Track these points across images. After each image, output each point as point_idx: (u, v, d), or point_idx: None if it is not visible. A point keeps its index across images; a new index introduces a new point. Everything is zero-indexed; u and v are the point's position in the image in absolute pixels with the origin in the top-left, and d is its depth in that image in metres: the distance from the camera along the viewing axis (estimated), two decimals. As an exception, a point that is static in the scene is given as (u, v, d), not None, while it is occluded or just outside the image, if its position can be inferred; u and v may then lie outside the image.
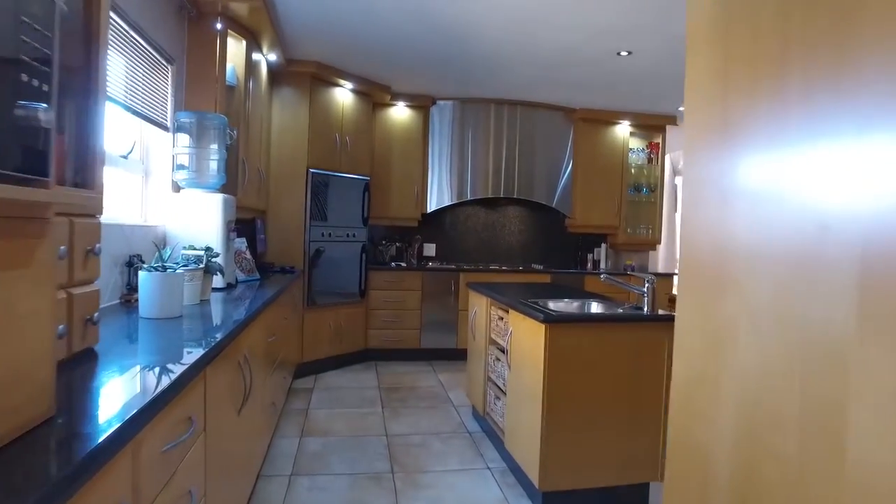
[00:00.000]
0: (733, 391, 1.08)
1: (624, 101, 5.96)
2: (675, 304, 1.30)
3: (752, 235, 1.06)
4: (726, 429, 1.12)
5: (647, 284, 2.92)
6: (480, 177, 6.22)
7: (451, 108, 6.14)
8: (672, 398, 1.30)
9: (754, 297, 1.04)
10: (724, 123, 1.18)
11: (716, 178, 1.19)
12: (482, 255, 6.56)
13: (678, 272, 1.32)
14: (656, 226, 6.59)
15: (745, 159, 1.11)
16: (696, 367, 1.20)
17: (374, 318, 5.70)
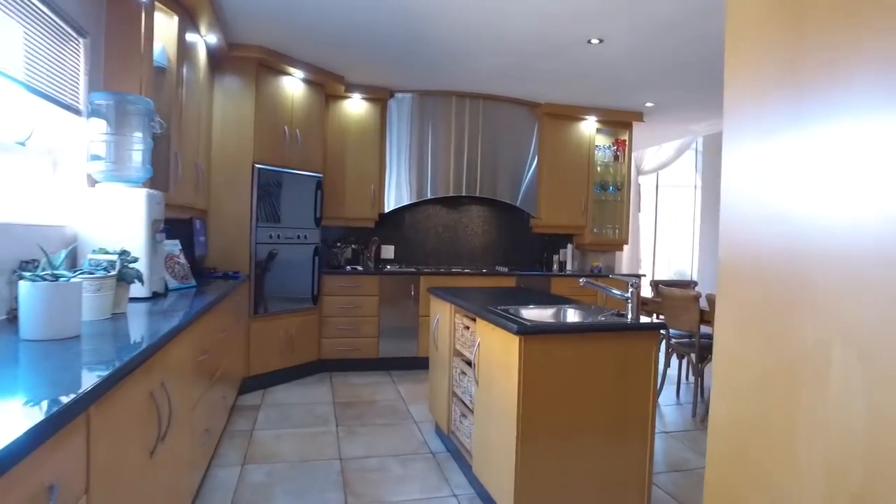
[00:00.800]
0: (821, 449, 0.78)
1: (591, 96, 5.72)
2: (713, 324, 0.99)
3: (853, 229, 0.76)
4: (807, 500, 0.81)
5: (630, 289, 2.63)
6: (441, 174, 5.88)
7: (410, 100, 5.79)
8: (711, 443, 0.99)
9: (855, 316, 0.74)
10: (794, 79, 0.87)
11: (784, 152, 0.88)
12: (443, 257, 6.23)
13: (719, 282, 1.02)
14: (623, 226, 6.38)
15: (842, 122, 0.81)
16: (751, 410, 0.90)
17: (328, 326, 5.30)
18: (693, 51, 4.28)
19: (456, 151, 5.91)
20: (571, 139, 6.17)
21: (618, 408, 2.53)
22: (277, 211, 4.78)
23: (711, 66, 4.61)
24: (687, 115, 6.31)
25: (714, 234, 6.62)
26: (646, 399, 2.58)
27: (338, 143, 5.57)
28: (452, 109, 5.87)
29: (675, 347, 4.73)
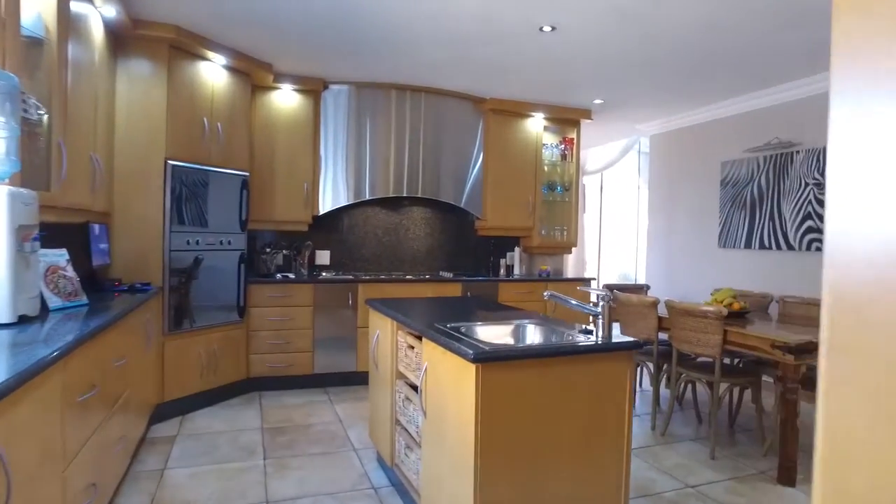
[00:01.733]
0: None
1: (539, 91, 5.42)
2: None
3: None
4: None
5: (600, 303, 2.29)
6: (381, 173, 5.44)
7: (347, 93, 5.31)
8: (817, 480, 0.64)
9: None
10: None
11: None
12: (384, 262, 5.78)
13: (824, 292, 0.65)
14: (572, 227, 6.13)
15: None
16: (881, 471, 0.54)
17: (256, 340, 4.76)
18: (650, 44, 4.02)
19: (396, 149, 5.48)
20: (518, 137, 5.85)
21: (589, 439, 2.18)
22: (196, 214, 4.22)
23: (667, 63, 4.38)
24: (635, 113, 6.12)
25: (665, 235, 6.46)
26: (620, 428, 2.24)
27: (266, 139, 5.03)
28: (392, 103, 5.44)
29: (630, 355, 4.47)
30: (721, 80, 4.90)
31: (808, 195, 4.83)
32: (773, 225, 5.12)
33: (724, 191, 5.61)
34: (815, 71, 4.59)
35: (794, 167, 4.96)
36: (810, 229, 4.80)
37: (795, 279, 4.93)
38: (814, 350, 3.30)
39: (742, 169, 5.43)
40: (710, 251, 5.79)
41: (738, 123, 5.49)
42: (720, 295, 4.13)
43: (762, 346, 3.40)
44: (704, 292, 5.80)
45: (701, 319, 3.66)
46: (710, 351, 3.67)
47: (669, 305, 3.86)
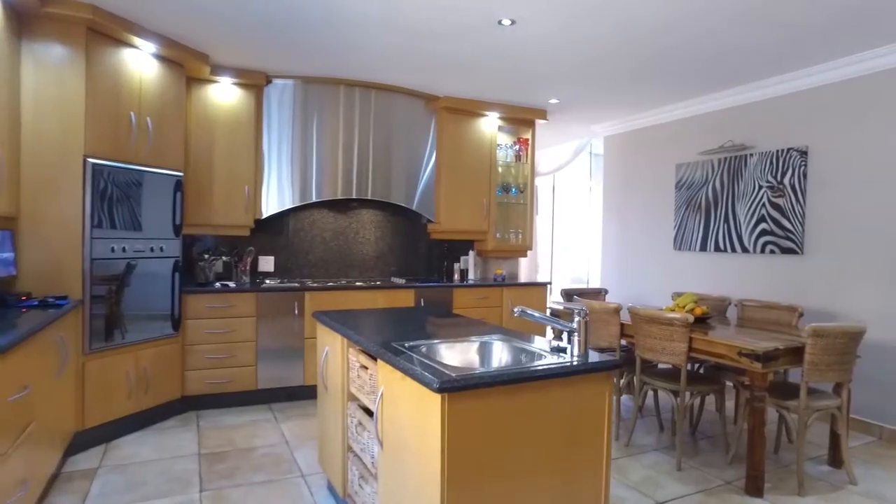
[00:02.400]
0: None
1: (494, 89, 5.20)
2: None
3: None
4: None
5: (576, 318, 2.06)
6: (328, 174, 5.10)
7: (293, 89, 4.95)
8: None
9: None
10: None
11: None
12: (332, 268, 5.44)
13: None
14: (527, 230, 5.94)
15: None
16: None
17: (193, 355, 4.34)
18: (609, 43, 3.85)
19: (345, 148, 5.15)
20: (472, 137, 5.62)
21: (566, 468, 1.94)
22: (123, 218, 3.78)
23: (624, 62, 4.24)
24: (590, 114, 5.99)
25: (619, 237, 6.36)
26: (598, 454, 2.01)
27: (203, 137, 4.61)
28: (340, 100, 5.11)
29: (591, 363, 4.29)
30: (677, 82, 4.80)
31: (761, 198, 4.79)
32: (727, 228, 5.07)
33: (679, 193, 5.54)
34: (770, 74, 4.54)
35: (748, 170, 4.91)
36: (764, 232, 4.76)
37: (751, 282, 4.89)
38: (780, 357, 3.19)
39: (697, 171, 5.37)
40: (665, 254, 5.72)
41: (693, 125, 5.43)
42: (682, 300, 4.01)
43: (729, 354, 3.27)
44: (660, 295, 5.73)
45: (666, 327, 3.51)
46: (675, 359, 3.52)
47: (633, 312, 3.70)
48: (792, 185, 4.57)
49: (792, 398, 3.34)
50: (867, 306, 4.13)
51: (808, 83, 4.48)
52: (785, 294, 4.63)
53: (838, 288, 4.30)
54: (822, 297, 4.39)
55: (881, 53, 3.98)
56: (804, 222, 4.50)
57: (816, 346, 3.16)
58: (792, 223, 4.57)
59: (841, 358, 3.22)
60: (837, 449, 3.53)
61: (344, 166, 5.16)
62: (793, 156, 4.57)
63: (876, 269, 4.08)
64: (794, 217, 4.55)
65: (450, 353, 2.26)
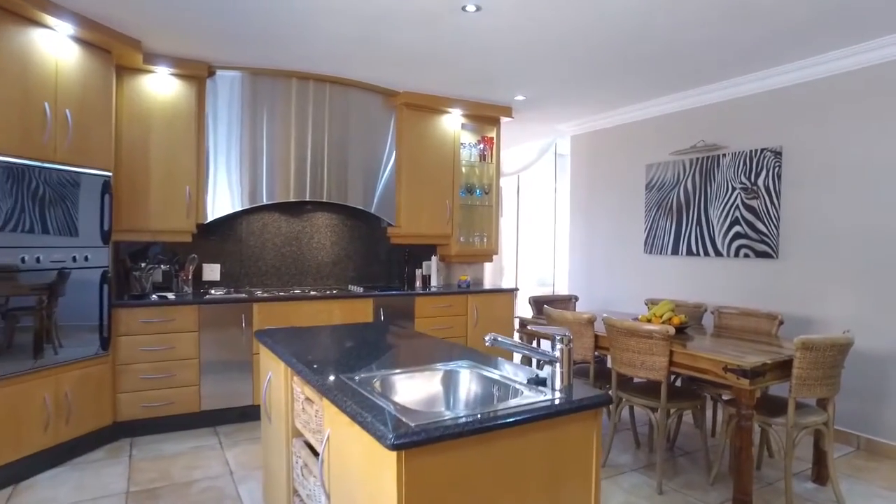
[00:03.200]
0: None
1: (457, 84, 4.86)
2: None
3: None
4: None
5: (558, 345, 1.73)
6: (280, 175, 4.68)
7: (240, 81, 4.52)
8: None
9: None
10: None
11: None
12: (285, 275, 5.02)
13: None
14: (492, 234, 5.63)
15: None
16: None
17: (126, 376, 3.88)
18: (581, 33, 3.56)
19: (298, 147, 4.74)
20: (434, 135, 5.28)
21: (550, 530, 1.62)
22: (36, 224, 3.30)
23: (594, 57, 3.96)
24: (557, 112, 5.72)
25: (587, 241, 6.11)
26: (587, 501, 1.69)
27: (138, 132, 4.14)
28: (293, 94, 4.70)
29: (562, 376, 4.00)
30: (648, 78, 4.56)
31: (735, 200, 4.59)
32: (700, 230, 4.86)
33: (650, 195, 5.32)
34: (744, 71, 4.34)
35: (720, 171, 4.71)
36: (738, 235, 4.56)
37: (725, 287, 4.69)
38: (767, 372, 2.95)
39: (668, 172, 5.15)
40: (635, 258, 5.49)
41: (664, 124, 5.21)
42: (659, 309, 3.75)
43: (713, 370, 3.01)
44: (631, 301, 5.49)
45: (645, 340, 3.23)
46: (655, 374, 3.25)
47: (609, 324, 3.41)
48: (766, 187, 4.38)
49: (777, 414, 3.10)
50: (843, 312, 3.96)
51: (782, 81, 4.29)
52: (760, 299, 4.43)
53: (813, 293, 4.12)
54: (797, 302, 4.21)
55: (857, 51, 3.81)
56: (779, 225, 4.31)
57: (805, 359, 2.93)
58: (766, 226, 4.38)
59: (829, 371, 3.00)
60: (823, 465, 3.32)
61: (297, 166, 4.75)
62: (767, 156, 4.38)
63: (851, 273, 3.91)
64: (769, 220, 4.36)
65: (409, 387, 1.91)
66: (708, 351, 3.10)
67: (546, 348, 2.02)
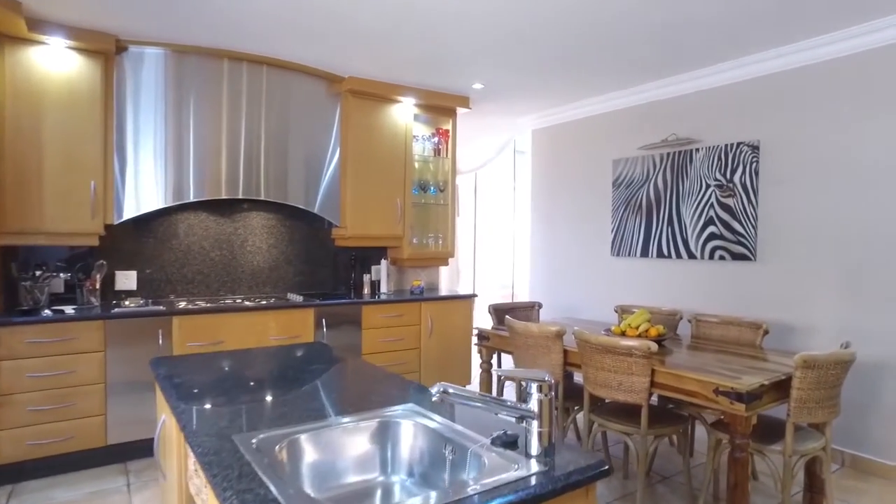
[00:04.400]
0: None
1: (409, 70, 4.35)
2: None
3: None
4: None
5: (534, 395, 1.24)
6: (210, 169, 4.07)
7: (162, 60, 3.88)
8: None
9: None
10: None
11: None
12: (214, 283, 4.40)
13: None
14: (448, 235, 5.14)
15: None
16: None
17: (9, 409, 3.21)
18: (544, 12, 3.10)
19: (230, 137, 4.14)
20: (384, 126, 4.74)
21: None
22: None
23: (560, 37, 3.51)
24: (517, 104, 5.26)
25: (550, 242, 5.68)
26: None
27: (25, 115, 3.47)
28: (224, 77, 4.10)
29: (527, 395, 3.54)
30: (614, 66, 4.15)
31: (709, 198, 4.23)
32: (672, 231, 4.49)
33: (617, 192, 4.92)
34: (717, 60, 3.98)
35: (693, 167, 4.34)
36: (713, 236, 4.20)
37: (700, 292, 4.32)
38: (764, 395, 2.55)
39: (637, 168, 4.76)
40: (602, 260, 5.09)
41: (633, 117, 4.82)
42: (634, 319, 3.33)
43: (703, 392, 2.59)
44: (599, 307, 5.09)
45: (623, 358, 2.79)
46: (633, 397, 2.81)
47: (582, 339, 2.96)
48: (743, 184, 4.03)
49: (771, 439, 2.71)
50: (826, 317, 3.63)
51: (760, 70, 3.94)
52: (738, 305, 4.08)
53: (794, 297, 3.78)
54: (777, 307, 3.87)
55: (841, 38, 3.48)
56: (756, 225, 3.97)
57: (806, 379, 2.54)
58: (744, 226, 4.02)
59: (831, 392, 2.62)
60: (818, 492, 2.94)
61: (229, 160, 4.14)
62: (743, 151, 4.03)
63: (835, 276, 3.58)
64: (746, 219, 4.01)
65: (329, 449, 1.39)
66: (695, 370, 2.68)
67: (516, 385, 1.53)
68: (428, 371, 4.71)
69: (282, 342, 4.07)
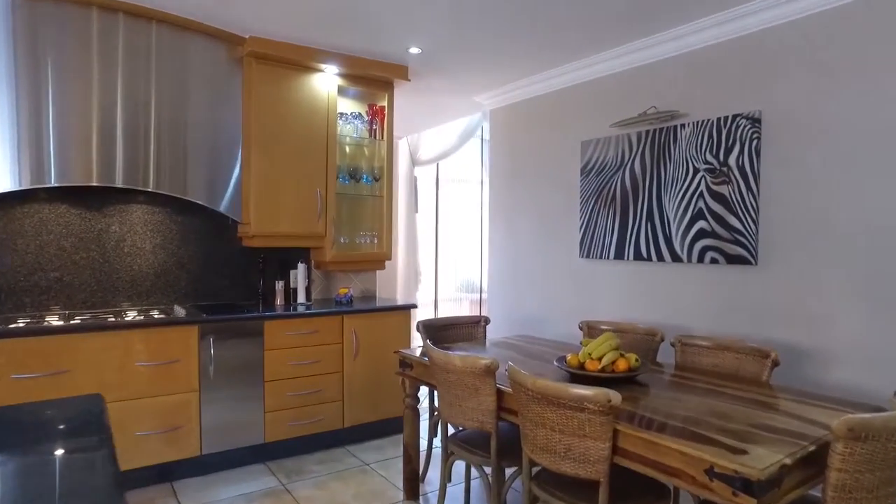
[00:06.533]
0: None
1: (327, 28, 3.38)
2: None
3: None
4: None
5: None
6: (76, 148, 3.12)
7: (7, 7, 2.93)
8: None
9: None
10: None
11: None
12: (80, 293, 3.42)
13: None
14: (384, 233, 4.17)
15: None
16: None
17: None
18: None
19: (103, 109, 3.19)
20: (300, 100, 3.78)
21: None
22: None
23: None
24: (469, 77, 4.29)
25: (509, 243, 4.72)
26: None
27: None
28: (94, 32, 3.13)
29: (456, 449, 2.56)
30: (582, 25, 3.20)
31: (698, 185, 3.29)
32: (652, 228, 3.55)
33: (586, 181, 3.97)
34: (705, 12, 3.05)
35: (678, 147, 3.40)
36: (703, 233, 3.26)
37: (687, 304, 3.38)
38: (786, 477, 1.61)
39: (609, 150, 3.82)
40: (568, 264, 4.14)
41: (604, 89, 3.87)
42: (597, 346, 2.38)
43: (690, 472, 1.65)
44: (564, 321, 4.14)
45: (573, 414, 1.84)
46: (587, 470, 1.86)
47: (515, 381, 2.01)
48: (740, 167, 3.09)
49: (792, 536, 1.77)
50: (849, 340, 2.68)
51: (761, 21, 3.00)
52: (735, 322, 3.14)
53: (807, 313, 2.84)
54: (785, 324, 2.93)
55: (875, -34, 2.54)
56: (758, 219, 3.03)
57: (853, 456, 1.59)
58: (741, 220, 3.09)
59: (891, 475, 1.68)
60: None
61: (102, 137, 3.18)
62: (741, 125, 3.09)
63: (860, 285, 2.64)
64: (744, 212, 3.08)
65: None
66: (679, 435, 1.73)
67: None
68: (353, 402, 3.75)
69: (156, 367, 3.10)
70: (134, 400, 3.05)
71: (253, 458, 3.45)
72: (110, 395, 2.94)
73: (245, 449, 3.41)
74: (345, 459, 3.53)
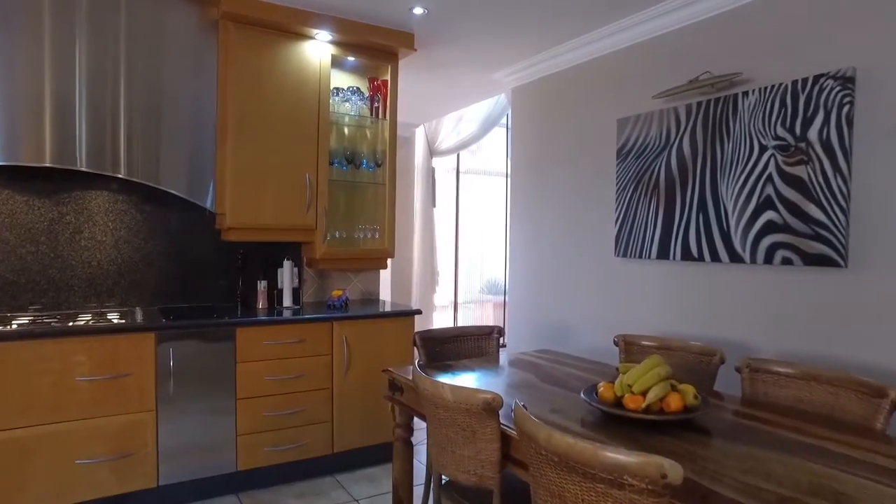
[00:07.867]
0: None
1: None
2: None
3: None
4: None
5: None
6: (24, 121, 2.63)
7: None
8: None
9: None
10: None
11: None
12: (25, 293, 2.91)
13: None
14: (386, 226, 3.57)
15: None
16: None
17: None
18: None
19: (58, 79, 2.69)
20: (286, 71, 3.20)
21: None
22: None
23: None
24: (485, 49, 3.66)
25: (533, 240, 4.07)
26: None
27: None
28: (24, -13, 2.64)
29: (448, 502, 1.94)
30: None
31: (765, 167, 2.60)
32: (704, 220, 2.86)
33: (624, 165, 3.30)
34: (784, -62, 2.36)
35: (739, 120, 2.71)
36: (772, 226, 2.57)
37: (750, 315, 2.68)
38: None
39: (652, 128, 3.14)
40: (602, 264, 3.46)
41: (646, 55, 3.20)
42: (638, 375, 1.73)
43: None
44: (595, 333, 3.47)
45: (609, 491, 1.20)
46: (631, 572, 1.22)
47: (524, 431, 1.38)
48: (824, 142, 2.39)
49: None
50: None
51: (854, -47, 2.30)
52: (814, 340, 2.43)
53: (919, 331, 2.13)
54: (883, 344, 2.22)
55: None
56: (848, 209, 2.32)
57: None
58: (826, 211, 2.38)
59: None
60: None
61: (57, 112, 2.69)
62: (826, 88, 2.39)
63: None
64: (830, 200, 2.37)
65: None
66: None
67: None
68: (344, 423, 3.15)
69: (102, 382, 2.57)
70: (74, 422, 2.52)
71: (222, 488, 2.89)
72: (41, 417, 2.42)
73: (213, 479, 2.85)
74: (331, 493, 2.94)
